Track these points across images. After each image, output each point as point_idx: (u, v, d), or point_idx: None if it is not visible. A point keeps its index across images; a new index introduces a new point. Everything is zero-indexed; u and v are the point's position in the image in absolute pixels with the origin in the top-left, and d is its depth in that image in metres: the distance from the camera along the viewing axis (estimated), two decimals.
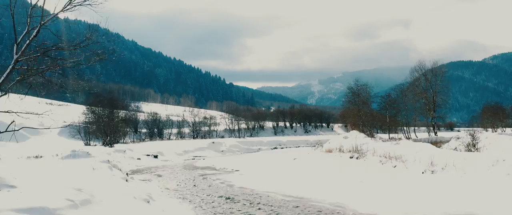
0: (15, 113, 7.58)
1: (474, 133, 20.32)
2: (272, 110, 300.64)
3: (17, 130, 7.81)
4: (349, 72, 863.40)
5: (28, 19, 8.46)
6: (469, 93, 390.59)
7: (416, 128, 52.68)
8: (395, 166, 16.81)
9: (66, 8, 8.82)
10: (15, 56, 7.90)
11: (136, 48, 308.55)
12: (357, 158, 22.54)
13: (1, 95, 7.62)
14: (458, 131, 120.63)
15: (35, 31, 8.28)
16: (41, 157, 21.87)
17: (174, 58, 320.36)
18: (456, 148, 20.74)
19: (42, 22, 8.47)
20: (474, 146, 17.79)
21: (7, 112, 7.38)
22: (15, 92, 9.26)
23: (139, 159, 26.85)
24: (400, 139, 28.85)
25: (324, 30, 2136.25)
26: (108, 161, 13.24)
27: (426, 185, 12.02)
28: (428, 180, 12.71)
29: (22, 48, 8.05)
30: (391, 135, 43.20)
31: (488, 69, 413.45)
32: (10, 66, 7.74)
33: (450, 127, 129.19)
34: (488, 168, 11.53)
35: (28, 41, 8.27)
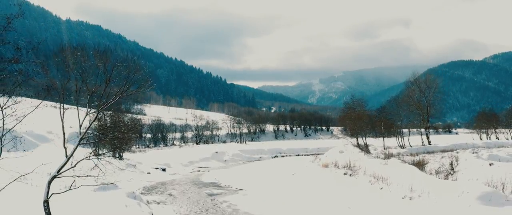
0: (78, 176, 9.61)
1: (455, 154, 22.35)
2: (272, 111, 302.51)
3: (77, 188, 9.87)
4: (350, 72, 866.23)
5: (87, 107, 10.49)
6: (469, 93, 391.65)
7: (412, 130, 54.12)
8: (381, 188, 18.85)
9: (119, 98, 10.87)
10: (79, 137, 9.94)
11: (138, 49, 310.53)
12: (350, 175, 24.61)
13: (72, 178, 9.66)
14: (456, 133, 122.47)
15: (94, 118, 10.29)
16: (61, 170, 23.94)
17: (175, 58, 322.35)
18: (439, 168, 22.80)
19: (99, 111, 10.49)
20: (453, 169, 19.82)
21: (72, 176, 9.41)
22: (21, 96, 11.09)
23: (149, 173, 28.93)
24: (391, 155, 30.82)
25: (324, 29, 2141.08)
26: (133, 192, 15.29)
27: (403, 212, 14.08)
28: (406, 206, 14.76)
29: (84, 131, 10.10)
30: (387, 142, 45.09)
31: (488, 69, 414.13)
32: (76, 145, 9.77)
33: (449, 129, 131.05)
34: (454, 199, 13.55)
35: (88, 125, 10.30)
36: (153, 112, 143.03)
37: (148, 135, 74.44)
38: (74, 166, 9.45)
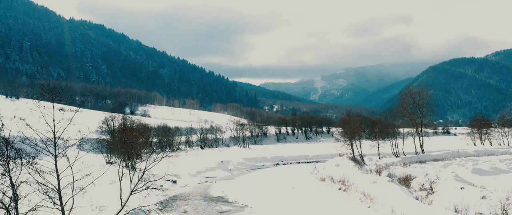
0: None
1: (438, 172, 25.09)
2: (275, 109, 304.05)
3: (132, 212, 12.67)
4: (352, 69, 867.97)
5: (131, 177, 13.22)
6: (471, 90, 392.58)
7: (407, 131, 56.35)
8: (369, 207, 21.64)
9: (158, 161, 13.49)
10: (129, 192, 12.73)
11: (141, 48, 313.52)
12: (344, 190, 27.44)
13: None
14: (455, 134, 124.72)
15: (140, 177, 13.04)
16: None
17: (178, 57, 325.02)
18: (423, 185, 25.54)
19: (144, 172, 13.19)
20: (432, 189, 22.60)
21: None
22: (26, 97, 13.38)
23: (162, 186, 31.73)
24: (383, 168, 33.53)
25: (324, 26, 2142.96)
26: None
27: None
28: None
29: (134, 186, 12.88)
30: (383, 149, 47.69)
31: (490, 66, 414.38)
32: (128, 196, 12.55)
33: (448, 130, 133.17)
34: None
35: (137, 182, 13.06)
36: (158, 113, 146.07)
37: (155, 139, 77.16)
38: (128, 213, 12.22)
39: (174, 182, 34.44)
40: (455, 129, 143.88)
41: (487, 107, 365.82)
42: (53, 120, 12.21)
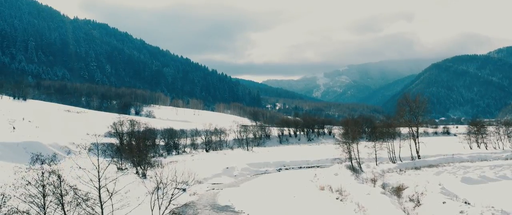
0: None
1: (426, 183, 27.45)
2: (277, 108, 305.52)
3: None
4: (354, 66, 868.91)
5: (160, 204, 15.56)
6: (473, 88, 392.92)
7: (404, 132, 58.43)
8: None
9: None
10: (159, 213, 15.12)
11: (144, 47, 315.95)
12: (341, 200, 29.87)
13: None
14: (455, 134, 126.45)
15: (166, 206, 15.42)
16: None
17: (181, 56, 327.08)
18: (413, 195, 27.87)
19: (170, 201, 15.52)
20: (419, 201, 24.98)
21: None
22: (33, 98, 15.92)
23: (172, 194, 34.21)
24: (379, 177, 35.83)
25: (326, 24, 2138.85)
26: None
27: None
28: None
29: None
30: (380, 153, 49.94)
31: (492, 63, 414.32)
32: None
33: (447, 131, 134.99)
34: None
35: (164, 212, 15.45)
36: (162, 114, 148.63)
37: (161, 142, 79.61)
38: None
39: (183, 190, 36.81)
40: (456, 128, 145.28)
41: (489, 104, 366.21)
42: (98, 169, 14.58)
